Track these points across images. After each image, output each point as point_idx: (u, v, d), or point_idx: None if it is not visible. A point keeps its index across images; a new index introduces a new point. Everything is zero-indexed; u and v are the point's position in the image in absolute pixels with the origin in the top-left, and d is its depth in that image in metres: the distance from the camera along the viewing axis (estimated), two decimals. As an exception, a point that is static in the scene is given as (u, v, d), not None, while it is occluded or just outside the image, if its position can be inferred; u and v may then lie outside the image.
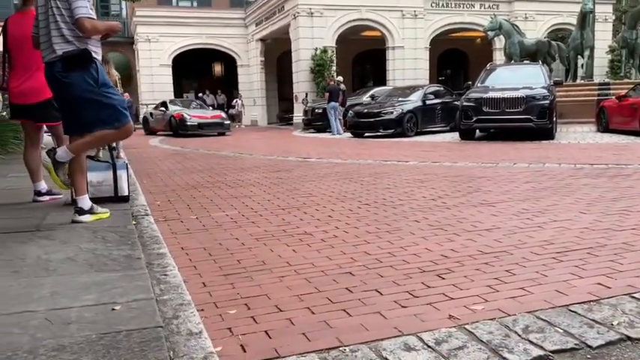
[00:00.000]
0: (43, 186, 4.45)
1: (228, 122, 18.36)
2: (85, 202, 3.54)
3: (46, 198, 4.42)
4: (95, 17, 3.43)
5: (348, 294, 2.38)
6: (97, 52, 3.49)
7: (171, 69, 26.89)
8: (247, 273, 2.71)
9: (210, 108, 21.53)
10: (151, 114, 19.91)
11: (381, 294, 2.37)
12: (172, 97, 24.41)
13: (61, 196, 4.45)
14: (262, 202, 4.74)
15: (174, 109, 18.41)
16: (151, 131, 19.52)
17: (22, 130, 4.87)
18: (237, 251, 3.13)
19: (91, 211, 3.55)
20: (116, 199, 4.15)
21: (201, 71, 30.66)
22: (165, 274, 2.45)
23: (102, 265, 2.55)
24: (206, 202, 4.87)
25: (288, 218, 4.03)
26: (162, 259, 2.72)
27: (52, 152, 3.55)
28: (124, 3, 28.32)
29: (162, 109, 18.91)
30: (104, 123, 3.44)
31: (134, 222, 3.55)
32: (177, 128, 17.33)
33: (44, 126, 4.50)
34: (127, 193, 4.28)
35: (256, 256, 3.02)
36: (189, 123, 17.15)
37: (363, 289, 2.44)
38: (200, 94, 27.84)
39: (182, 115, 17.41)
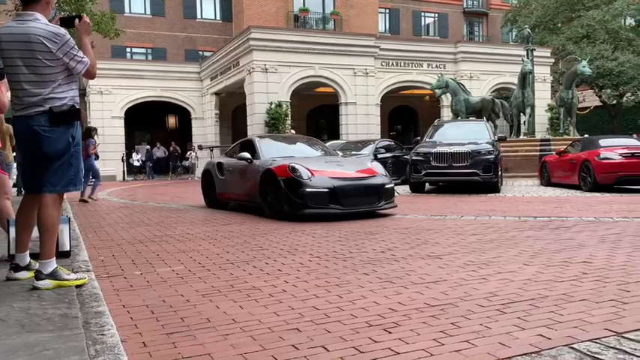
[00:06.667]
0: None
1: (392, 185, 8.11)
2: (49, 265, 3.25)
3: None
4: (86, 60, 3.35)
5: (294, 351, 2.33)
6: (77, 98, 3.40)
7: (123, 121, 26.61)
8: (191, 331, 2.62)
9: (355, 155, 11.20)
10: (220, 166, 9.43)
11: (328, 350, 2.33)
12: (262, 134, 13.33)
13: (-4, 251, 4.25)
14: (211, 257, 4.65)
15: (269, 154, 8.42)
16: (219, 199, 9.40)
17: None
18: (181, 308, 3.03)
19: (54, 276, 3.24)
20: (56, 254, 3.98)
21: (155, 123, 30.50)
22: (102, 334, 2.35)
23: (35, 326, 2.42)
24: (152, 257, 4.74)
25: (237, 273, 3.96)
26: (101, 317, 2.61)
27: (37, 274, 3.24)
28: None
29: (246, 154, 8.52)
30: (68, 184, 3.31)
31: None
32: (285, 199, 7.34)
33: None
34: (67, 249, 4.13)
35: (201, 313, 2.93)
36: (308, 188, 7.21)
37: (309, 345, 2.40)
38: (148, 148, 27.54)
39: (293, 169, 7.38)
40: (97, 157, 12.16)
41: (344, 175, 7.65)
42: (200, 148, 22.27)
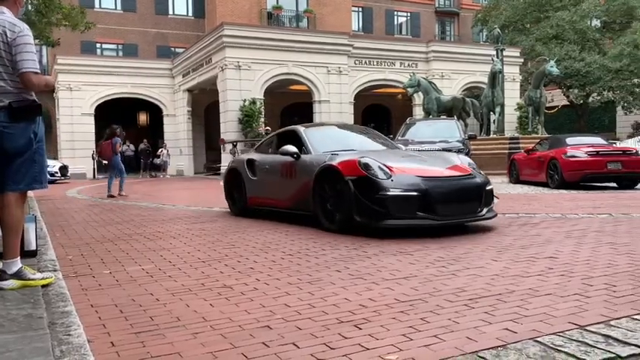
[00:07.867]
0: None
1: (492, 186, 6.05)
2: (13, 265, 3.20)
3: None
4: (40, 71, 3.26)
5: (265, 349, 2.33)
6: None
7: (93, 118, 26.13)
8: (160, 330, 2.59)
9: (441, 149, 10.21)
10: (251, 163, 7.49)
11: (298, 347, 2.34)
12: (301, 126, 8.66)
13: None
14: (182, 255, 4.61)
15: (322, 148, 6.56)
16: (250, 205, 7.43)
17: None
18: (150, 307, 3.00)
19: (18, 276, 3.18)
20: (21, 254, 3.89)
21: (125, 120, 29.97)
22: (68, 334, 2.31)
23: (-2, 327, 2.36)
24: (122, 255, 4.67)
25: (208, 271, 3.94)
26: (67, 317, 2.57)
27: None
28: (44, 49, 27.49)
29: (292, 148, 6.57)
30: (32, 181, 3.24)
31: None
32: (355, 206, 5.46)
33: None
34: (34, 248, 4.05)
35: (171, 312, 2.90)
36: (390, 191, 5.29)
37: (279, 342, 2.40)
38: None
39: (366, 166, 5.47)
40: (120, 155, 12.68)
41: (434, 173, 5.68)
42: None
